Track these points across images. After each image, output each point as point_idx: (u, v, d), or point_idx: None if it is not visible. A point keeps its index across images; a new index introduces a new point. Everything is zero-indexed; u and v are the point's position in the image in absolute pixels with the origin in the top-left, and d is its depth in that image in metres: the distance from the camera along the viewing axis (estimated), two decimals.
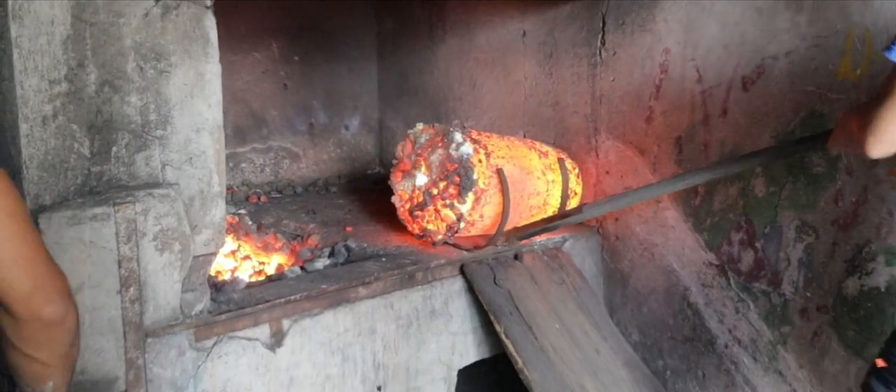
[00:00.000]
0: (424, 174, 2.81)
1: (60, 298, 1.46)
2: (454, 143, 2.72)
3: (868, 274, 2.64)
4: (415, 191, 2.82)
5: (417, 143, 2.84)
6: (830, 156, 2.66)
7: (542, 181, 2.89)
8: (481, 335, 3.02)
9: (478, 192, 2.65)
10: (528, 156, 2.90)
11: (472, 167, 2.67)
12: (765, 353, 2.90)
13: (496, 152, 2.81)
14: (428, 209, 2.77)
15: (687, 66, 2.98)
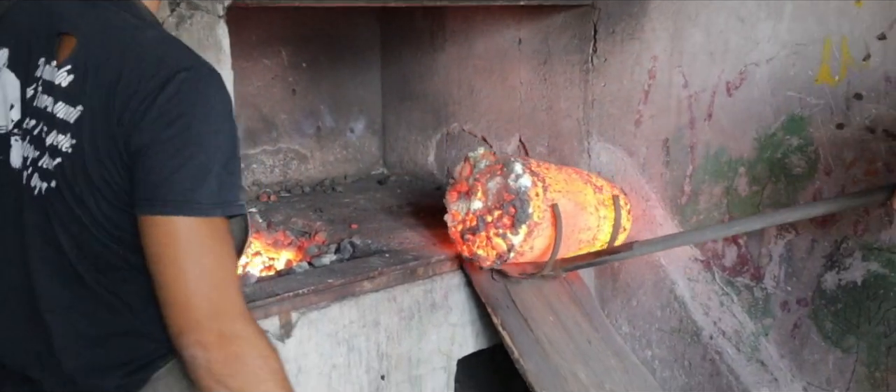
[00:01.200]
0: (480, 200, 2.73)
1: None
2: (514, 173, 2.64)
3: (845, 269, 2.65)
4: (469, 214, 2.74)
5: (476, 168, 2.76)
6: (810, 157, 2.66)
7: (595, 217, 2.81)
8: (479, 327, 3.02)
9: (531, 225, 2.59)
10: (583, 190, 2.82)
11: (528, 200, 2.59)
12: (747, 343, 2.91)
13: (553, 186, 2.71)
14: (480, 235, 2.70)
15: (674, 73, 2.97)
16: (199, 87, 1.28)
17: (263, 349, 1.29)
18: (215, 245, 1.28)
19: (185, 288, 1.25)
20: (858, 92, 2.53)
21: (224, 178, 1.28)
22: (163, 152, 1.25)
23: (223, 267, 1.29)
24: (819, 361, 2.74)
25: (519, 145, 3.57)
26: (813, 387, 2.76)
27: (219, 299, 1.27)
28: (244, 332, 1.27)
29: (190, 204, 1.24)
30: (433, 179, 4.05)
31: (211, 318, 1.25)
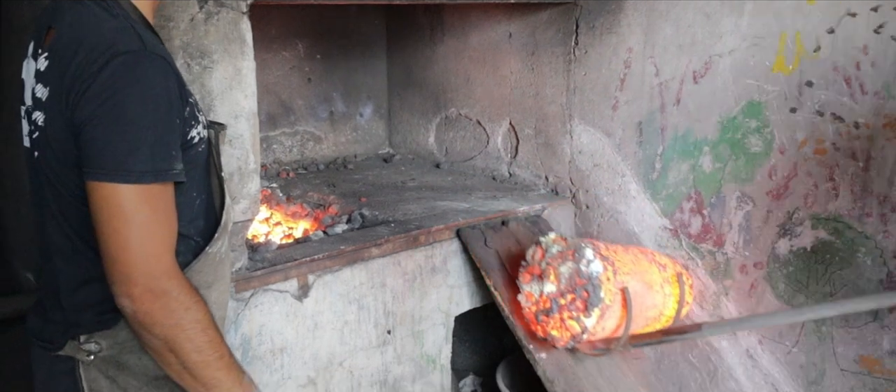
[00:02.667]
0: (553, 283, 2.59)
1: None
2: (585, 259, 2.51)
3: (797, 236, 2.66)
4: (542, 296, 2.61)
5: (548, 252, 2.63)
6: (766, 137, 2.67)
7: (660, 295, 2.69)
8: (474, 288, 3.04)
9: (603, 307, 2.48)
10: (649, 270, 2.68)
11: (600, 285, 2.47)
12: (710, 301, 2.93)
13: (622, 268, 2.58)
14: (554, 316, 2.58)
15: (646, 63, 2.97)
16: (137, 69, 1.30)
17: (187, 302, 1.33)
18: (146, 209, 1.30)
19: (116, 245, 1.29)
20: (809, 80, 2.53)
21: (157, 149, 1.30)
22: (100, 125, 1.28)
23: (153, 229, 1.31)
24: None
25: (509, 127, 3.58)
26: (767, 339, 2.78)
27: (147, 258, 1.29)
28: (169, 287, 1.31)
29: (122, 172, 1.27)
30: (433, 158, 4.06)
31: (139, 274, 1.29)
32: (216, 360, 1.38)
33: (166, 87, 1.32)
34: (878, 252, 2.47)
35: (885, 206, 2.43)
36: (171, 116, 1.33)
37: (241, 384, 1.44)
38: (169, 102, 1.33)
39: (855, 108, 2.45)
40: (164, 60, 1.34)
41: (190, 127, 1.43)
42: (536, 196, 3.37)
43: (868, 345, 2.52)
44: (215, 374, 1.38)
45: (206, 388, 1.39)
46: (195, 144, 1.46)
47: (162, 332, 1.32)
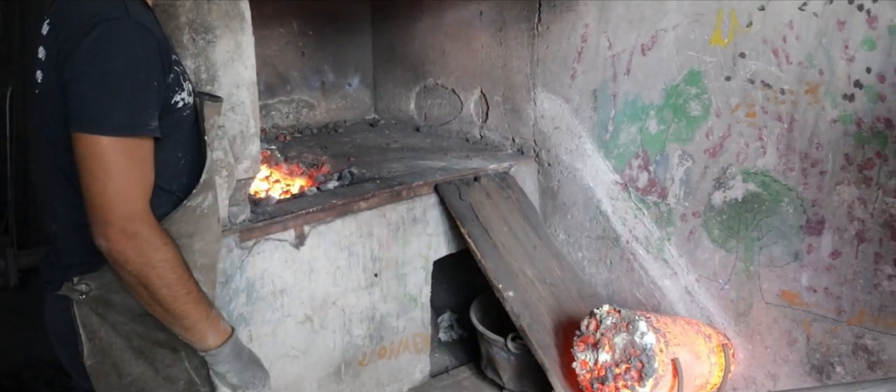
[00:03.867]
0: (607, 353, 2.48)
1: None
2: (639, 331, 2.43)
3: (729, 188, 2.68)
4: (597, 365, 2.50)
5: (603, 324, 2.52)
6: (704, 103, 2.68)
7: (707, 364, 2.61)
8: (450, 236, 3.05)
9: (657, 378, 2.41)
10: (696, 341, 2.60)
11: (653, 356, 2.39)
12: (655, 246, 2.96)
13: (672, 340, 2.49)
14: (609, 385, 2.47)
15: (601, 37, 2.97)
16: (118, 34, 1.31)
17: (156, 243, 1.34)
18: (123, 159, 1.30)
19: (95, 191, 1.29)
20: (743, 51, 2.54)
21: (134, 106, 1.30)
22: (84, 82, 1.29)
23: (128, 177, 1.31)
24: (708, 259, 2.79)
25: (480, 95, 3.57)
26: (703, 278, 2.81)
27: (121, 202, 1.30)
28: (140, 229, 1.31)
29: (101, 124, 1.28)
30: (413, 122, 4.05)
31: (114, 216, 1.29)
32: (184, 294, 1.39)
33: (146, 53, 1.33)
34: (799, 202, 2.50)
35: (806, 162, 2.46)
36: (150, 78, 1.34)
37: (207, 317, 1.45)
38: (147, 66, 1.33)
39: (781, 76, 2.47)
40: (145, 29, 1.34)
41: (174, 92, 1.43)
42: (504, 155, 3.38)
43: (789, 281, 2.56)
44: (183, 307, 1.39)
45: (175, 319, 1.41)
46: (180, 109, 1.46)
47: (134, 269, 1.33)
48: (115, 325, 1.48)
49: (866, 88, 2.29)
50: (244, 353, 1.55)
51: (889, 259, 2.33)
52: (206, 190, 1.54)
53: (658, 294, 2.95)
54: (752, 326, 2.69)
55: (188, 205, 1.50)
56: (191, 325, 1.42)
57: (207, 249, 1.60)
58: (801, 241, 2.52)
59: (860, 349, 2.44)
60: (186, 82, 1.49)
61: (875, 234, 2.35)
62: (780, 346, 2.63)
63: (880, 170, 2.31)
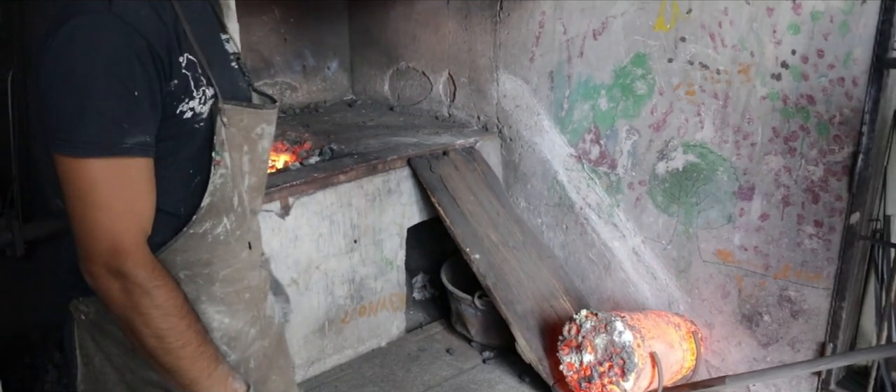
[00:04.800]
0: (590, 354, 2.47)
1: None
2: (617, 331, 2.42)
3: (671, 159, 2.71)
4: (582, 366, 2.49)
5: (583, 328, 2.50)
6: (649, 82, 2.69)
7: (680, 351, 2.59)
8: (422, 205, 3.05)
9: (638, 371, 2.40)
10: (668, 331, 2.59)
11: (633, 351, 2.38)
12: (605, 212, 2.98)
13: (647, 334, 2.48)
14: (595, 383, 2.46)
15: (556, 23, 2.96)
16: (90, 32, 0.96)
17: (146, 285, 1.01)
18: (101, 184, 0.98)
19: (74, 221, 1.00)
20: (683, 36, 2.55)
21: (105, 121, 0.96)
22: (54, 93, 0.97)
23: (111, 207, 0.98)
24: (652, 223, 2.81)
25: (448, 77, 3.56)
26: (648, 240, 2.84)
27: (103, 237, 0.99)
28: (127, 268, 1.00)
29: (69, 143, 0.96)
30: (387, 102, 4.02)
31: (96, 253, 0.99)
32: (178, 348, 1.04)
33: (125, 54, 0.97)
34: (733, 170, 2.53)
35: (738, 135, 2.49)
36: (130, 86, 0.97)
37: (209, 376, 1.09)
38: (126, 70, 0.97)
39: (717, 58, 2.49)
40: (125, 25, 0.97)
41: (179, 101, 1.06)
42: (470, 132, 3.38)
43: (723, 241, 2.60)
44: (176, 362, 1.05)
45: (167, 373, 1.07)
46: (188, 120, 1.09)
47: (119, 313, 1.03)
48: (110, 356, 1.20)
49: (791, 68, 2.32)
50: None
51: (810, 220, 2.38)
52: (214, 215, 1.16)
53: (608, 255, 2.97)
54: (691, 282, 2.73)
55: (190, 232, 1.13)
56: (189, 380, 1.07)
57: (236, 277, 1.23)
58: (734, 206, 2.55)
59: (785, 300, 2.50)
60: (203, 88, 1.10)
61: (798, 198, 2.39)
62: (716, 299, 2.67)
63: (803, 141, 2.35)
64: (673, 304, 2.79)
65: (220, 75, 1.15)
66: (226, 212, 1.17)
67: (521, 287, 2.84)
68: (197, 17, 1.14)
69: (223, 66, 1.20)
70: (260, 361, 1.29)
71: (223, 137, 1.13)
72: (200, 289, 1.16)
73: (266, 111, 1.24)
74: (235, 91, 1.21)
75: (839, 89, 2.24)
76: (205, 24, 1.17)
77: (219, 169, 1.14)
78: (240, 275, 1.24)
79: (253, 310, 1.27)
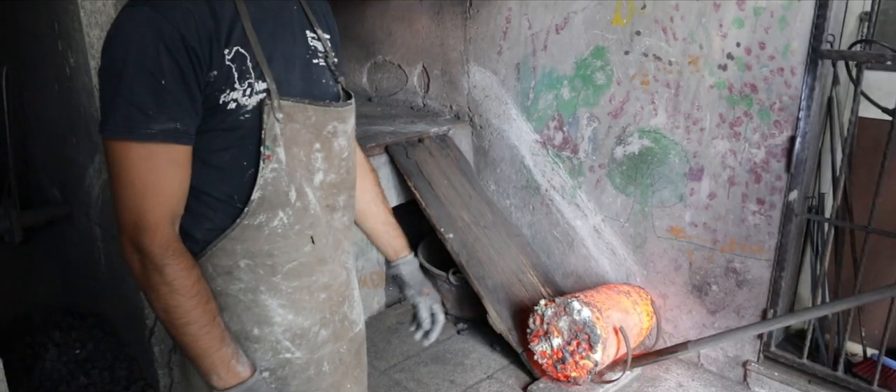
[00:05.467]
0: (557, 337, 2.47)
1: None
2: (575, 310, 2.42)
3: (628, 144, 2.73)
4: (554, 350, 2.49)
5: (545, 315, 2.51)
6: (608, 73, 2.71)
7: (636, 315, 2.60)
8: (399, 189, 3.03)
9: (603, 341, 2.39)
10: (620, 300, 2.59)
11: (595, 324, 2.38)
12: (569, 193, 3.00)
13: (603, 306, 2.48)
14: (569, 362, 2.45)
15: (522, 19, 2.96)
16: (127, 24, 0.97)
17: (159, 263, 1.01)
18: (130, 165, 0.98)
19: (113, 197, 1.02)
20: (638, 30, 2.57)
21: (133, 106, 0.96)
22: (99, 79, 1.01)
23: (138, 187, 0.99)
24: (611, 203, 2.84)
25: (422, 69, 3.55)
26: (608, 218, 2.86)
27: (129, 213, 1.00)
28: (146, 245, 1.00)
29: (103, 124, 0.98)
30: (366, 93, 4.00)
31: (124, 225, 1.01)
32: (182, 325, 1.04)
33: (154, 45, 0.96)
34: (684, 154, 2.56)
35: (689, 121, 2.52)
36: (157, 74, 0.97)
37: (214, 353, 1.06)
38: (154, 60, 0.96)
39: (669, 50, 2.51)
40: (160, 18, 0.97)
41: (220, 91, 1.03)
42: (443, 120, 3.38)
43: (675, 219, 2.64)
44: (180, 337, 1.05)
45: (177, 344, 1.08)
46: (232, 111, 1.04)
47: (138, 283, 1.04)
48: None
49: (736, 60, 2.35)
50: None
51: (753, 199, 2.43)
52: (268, 209, 1.10)
53: (571, 232, 3.00)
54: (646, 256, 2.77)
55: (245, 223, 1.09)
56: (192, 356, 1.06)
57: (302, 272, 1.16)
58: (685, 186, 2.59)
59: (730, 271, 2.55)
60: (250, 81, 1.05)
61: (743, 178, 2.44)
62: (669, 271, 2.72)
63: (747, 126, 2.39)
64: (631, 277, 2.83)
65: (285, 71, 1.10)
66: (281, 206, 1.11)
67: (491, 263, 2.86)
68: (268, 15, 1.10)
69: (296, 62, 1.14)
70: (336, 366, 1.24)
71: (276, 132, 1.07)
72: (260, 279, 1.12)
73: (336, 109, 1.17)
74: (311, 88, 1.15)
75: (779, 78, 2.28)
76: (277, 21, 1.12)
77: (269, 163, 1.08)
78: (307, 270, 1.17)
79: (325, 311, 1.21)
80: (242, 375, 1.08)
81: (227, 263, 1.10)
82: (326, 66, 1.21)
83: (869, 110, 2.34)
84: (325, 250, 1.18)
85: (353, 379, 1.30)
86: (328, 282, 1.21)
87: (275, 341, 1.14)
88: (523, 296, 2.82)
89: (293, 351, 1.17)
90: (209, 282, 1.09)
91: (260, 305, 1.12)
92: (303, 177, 1.12)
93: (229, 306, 1.12)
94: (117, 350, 2.49)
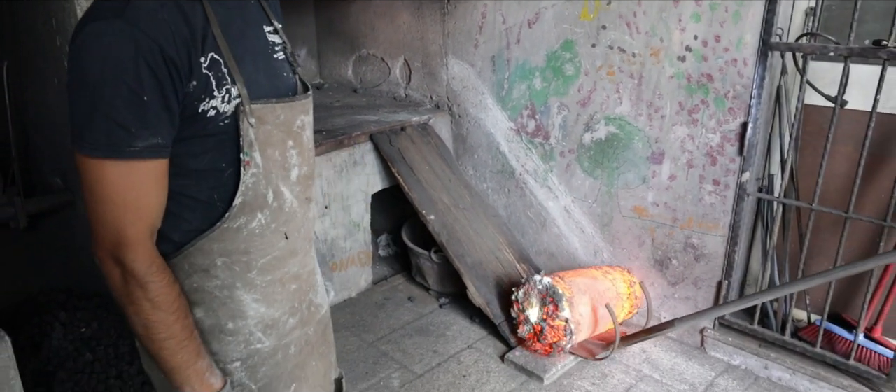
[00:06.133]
0: (534, 311, 2.49)
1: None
2: (536, 280, 2.47)
3: (596, 131, 2.74)
4: (535, 326, 2.49)
5: (519, 300, 2.53)
6: (577, 65, 2.72)
7: (606, 280, 2.59)
8: (384, 175, 3.03)
9: (568, 299, 2.39)
10: (587, 271, 2.62)
11: (555, 286, 2.41)
12: (541, 176, 3.01)
13: (567, 275, 2.52)
14: (547, 332, 2.45)
15: (497, 14, 2.96)
16: (99, 38, 0.88)
17: (141, 279, 0.95)
18: (109, 182, 0.91)
19: (88, 210, 0.95)
20: (604, 24, 2.57)
21: (113, 124, 0.88)
22: (70, 94, 0.91)
23: (117, 203, 0.92)
24: (580, 185, 2.85)
25: (404, 62, 3.54)
26: (577, 199, 2.88)
27: (108, 229, 0.93)
28: (127, 260, 0.94)
29: (80, 142, 0.90)
30: (351, 85, 3.97)
31: (102, 241, 0.94)
32: (161, 340, 0.99)
33: (134, 60, 0.88)
34: (646, 139, 2.58)
35: (651, 109, 2.54)
36: (138, 90, 0.89)
37: (189, 367, 1.02)
38: (134, 76, 0.88)
39: (632, 43, 2.52)
40: (138, 32, 0.88)
41: (200, 100, 0.96)
42: (424, 110, 3.37)
43: (639, 199, 2.66)
44: (158, 351, 1.00)
45: (152, 358, 1.02)
46: (212, 118, 0.98)
47: (117, 297, 0.98)
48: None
49: (694, 52, 2.38)
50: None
51: (709, 180, 2.46)
52: (248, 212, 1.06)
53: (544, 213, 3.01)
54: (613, 233, 2.80)
55: (225, 226, 1.04)
56: (168, 369, 1.01)
57: (275, 266, 1.13)
58: (648, 169, 2.61)
59: (689, 246, 2.59)
60: (227, 87, 0.98)
61: (700, 161, 2.46)
62: (633, 247, 2.75)
63: (703, 113, 2.42)
64: (598, 253, 2.86)
65: (254, 71, 1.04)
66: (260, 208, 1.07)
67: (470, 242, 2.88)
68: (233, 15, 1.03)
69: (261, 59, 1.08)
70: (301, 347, 1.22)
71: (251, 138, 1.01)
72: (237, 276, 1.08)
73: (300, 102, 1.11)
74: (276, 83, 1.09)
75: (733, 69, 2.30)
76: (243, 20, 1.05)
77: (249, 169, 1.03)
78: (279, 263, 1.13)
79: (295, 301, 1.19)
80: (215, 387, 1.05)
81: (203, 262, 1.05)
82: (285, 59, 1.15)
83: (814, 98, 2.38)
84: (297, 242, 1.16)
85: (318, 355, 1.28)
86: (298, 272, 1.18)
87: (248, 333, 1.12)
88: (500, 272, 2.84)
89: (264, 341, 1.14)
90: (185, 278, 1.05)
91: (235, 301, 1.09)
92: (278, 176, 1.08)
93: (205, 302, 1.07)
94: (120, 327, 2.47)
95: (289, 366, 1.18)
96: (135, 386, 2.32)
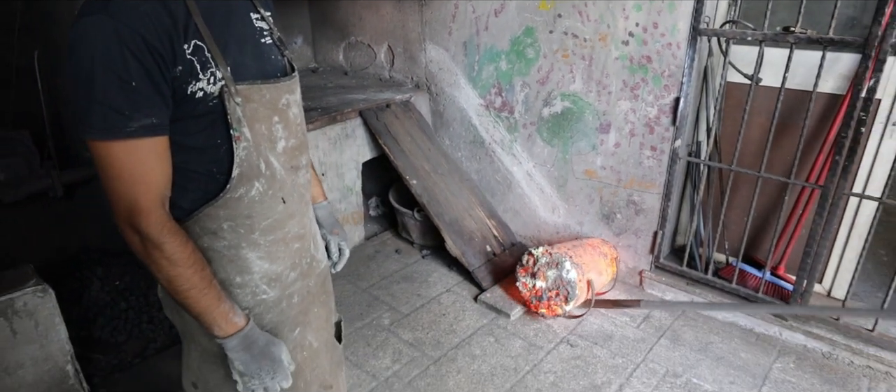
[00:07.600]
0: (542, 281, 2.40)
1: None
2: (565, 269, 2.35)
3: (553, 106, 2.75)
4: (535, 288, 2.42)
5: (539, 261, 2.41)
6: (537, 49, 2.72)
7: (606, 276, 2.56)
8: (372, 146, 3.02)
9: (576, 298, 2.35)
10: (599, 262, 2.51)
11: (575, 285, 2.32)
12: (507, 145, 3.01)
13: (586, 268, 2.43)
14: (544, 302, 2.40)
15: (468, 5, 2.92)
16: (89, 30, 0.86)
17: (157, 240, 0.95)
18: (115, 161, 0.90)
19: (104, 187, 0.94)
20: (560, 13, 2.56)
21: (108, 108, 0.87)
22: (70, 86, 0.89)
23: (125, 178, 0.91)
24: (541, 152, 2.86)
25: (388, 48, 3.50)
26: (538, 165, 2.89)
27: (122, 201, 0.92)
28: (143, 227, 0.94)
29: (84, 127, 0.89)
30: (342, 69, 3.93)
31: (119, 212, 0.94)
32: (184, 290, 0.99)
33: (119, 50, 0.86)
34: (595, 112, 2.60)
35: (600, 86, 2.55)
36: (126, 77, 0.87)
37: (214, 309, 1.03)
38: (121, 64, 0.86)
39: (584, 29, 2.51)
40: (120, 24, 0.86)
41: (187, 83, 0.94)
42: (406, 89, 3.35)
43: (589, 163, 2.69)
44: (183, 300, 1.01)
45: (182, 304, 1.03)
46: (201, 99, 0.96)
47: (140, 259, 0.98)
48: (182, 313, 1.14)
49: (635, 37, 2.39)
50: (256, 346, 1.08)
51: (648, 146, 2.50)
52: (246, 182, 1.05)
53: (510, 177, 3.03)
54: (568, 193, 2.84)
55: (227, 196, 1.04)
56: (195, 313, 1.02)
57: (275, 227, 1.12)
58: (597, 138, 2.63)
59: (631, 203, 2.64)
60: (211, 70, 0.96)
61: (640, 131, 2.50)
62: (585, 204, 2.79)
63: (643, 90, 2.44)
64: (556, 210, 2.90)
65: (240, 54, 1.02)
66: (255, 177, 1.06)
67: (447, 203, 2.91)
68: (216, 5, 1.00)
69: (247, 45, 1.05)
70: (303, 297, 1.22)
71: (239, 115, 1.00)
72: (241, 237, 1.08)
73: (285, 83, 1.10)
74: (263, 66, 1.07)
75: (668, 52, 2.33)
76: (227, 9, 1.03)
77: (240, 143, 1.02)
78: (279, 225, 1.12)
79: (296, 257, 1.18)
80: (239, 325, 1.06)
81: (211, 226, 1.05)
82: (273, 43, 1.13)
83: (734, 76, 2.43)
84: (293, 206, 1.15)
85: (320, 303, 1.28)
86: (299, 232, 1.17)
87: (254, 286, 1.12)
88: (473, 227, 2.88)
89: (268, 293, 1.14)
90: (196, 240, 1.04)
91: (241, 259, 1.09)
92: (267, 148, 1.07)
93: (215, 260, 1.08)
94: (150, 279, 2.49)
95: (292, 312, 1.18)
96: (164, 329, 2.35)
